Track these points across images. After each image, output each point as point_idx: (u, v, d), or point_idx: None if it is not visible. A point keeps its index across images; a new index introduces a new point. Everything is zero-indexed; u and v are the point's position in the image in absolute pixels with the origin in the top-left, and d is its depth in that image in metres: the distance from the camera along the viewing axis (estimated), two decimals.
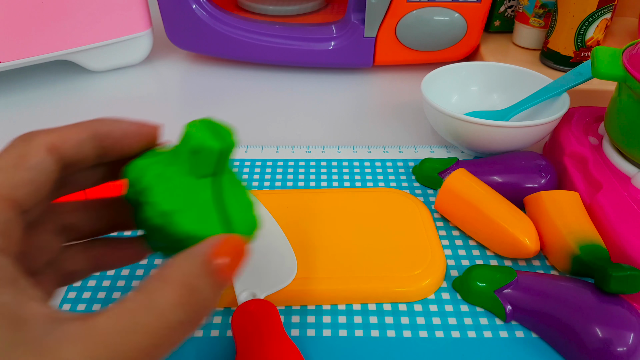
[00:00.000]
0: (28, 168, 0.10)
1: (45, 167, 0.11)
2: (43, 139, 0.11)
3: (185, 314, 0.09)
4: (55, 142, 0.11)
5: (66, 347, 0.08)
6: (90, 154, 0.12)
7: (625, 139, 0.21)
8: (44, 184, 0.11)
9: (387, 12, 0.31)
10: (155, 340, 0.09)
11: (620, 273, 0.16)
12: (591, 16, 0.29)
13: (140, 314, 0.09)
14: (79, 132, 0.12)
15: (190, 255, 0.10)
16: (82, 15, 0.31)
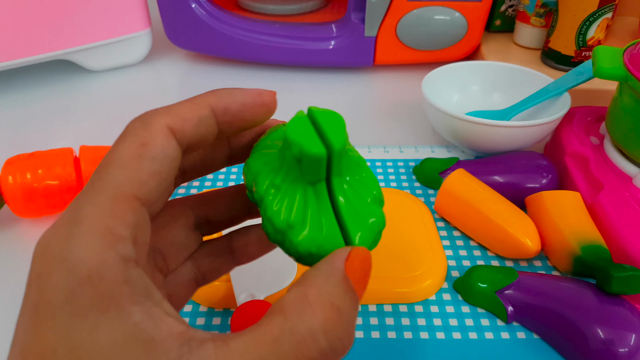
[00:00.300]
0: (152, 158, 0.09)
1: (169, 154, 0.09)
2: (162, 122, 0.09)
3: (329, 343, 0.08)
4: (175, 123, 0.10)
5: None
6: (211, 132, 0.10)
7: (626, 138, 0.20)
8: (168, 174, 0.09)
9: (387, 11, 0.31)
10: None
11: (621, 274, 0.16)
12: (592, 15, 0.28)
13: (284, 341, 0.08)
14: (197, 109, 0.10)
15: (327, 272, 0.09)
16: (81, 15, 0.31)
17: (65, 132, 0.30)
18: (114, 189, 0.09)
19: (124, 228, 0.08)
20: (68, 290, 0.08)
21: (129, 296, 0.08)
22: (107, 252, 0.08)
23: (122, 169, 0.09)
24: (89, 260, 0.08)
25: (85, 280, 0.08)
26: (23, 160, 0.21)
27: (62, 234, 0.08)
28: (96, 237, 0.08)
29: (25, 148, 0.28)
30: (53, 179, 0.21)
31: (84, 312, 0.08)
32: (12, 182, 0.20)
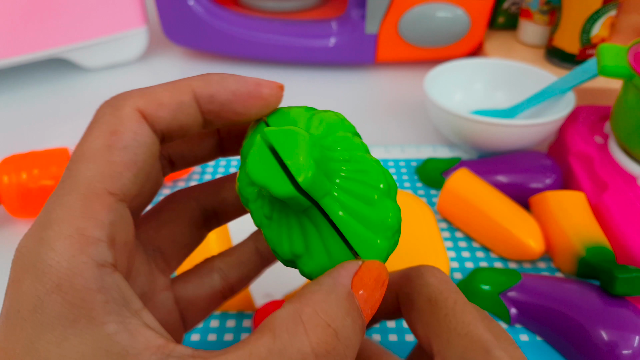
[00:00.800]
0: (123, 147, 0.08)
1: (143, 142, 0.08)
2: (132, 105, 0.08)
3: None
4: (148, 107, 0.08)
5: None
6: (193, 121, 0.09)
7: (631, 138, 0.20)
8: (145, 163, 0.08)
9: (388, 7, 0.30)
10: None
11: (625, 275, 0.16)
12: (596, 13, 0.28)
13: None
14: (177, 93, 0.09)
15: (328, 288, 0.08)
16: (76, 11, 0.30)
17: (60, 131, 0.29)
18: (84, 187, 0.08)
19: (97, 229, 0.07)
20: (36, 299, 0.07)
21: (102, 305, 0.07)
22: (78, 257, 0.07)
23: (92, 162, 0.08)
24: (58, 267, 0.07)
25: (54, 289, 0.07)
26: (18, 160, 0.21)
27: (35, 238, 0.07)
28: (66, 241, 0.07)
29: (21, 148, 0.28)
30: (48, 178, 0.20)
31: (51, 323, 0.07)
32: (7, 182, 0.20)
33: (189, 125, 0.09)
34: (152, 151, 0.09)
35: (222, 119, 0.09)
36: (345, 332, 0.07)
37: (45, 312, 0.07)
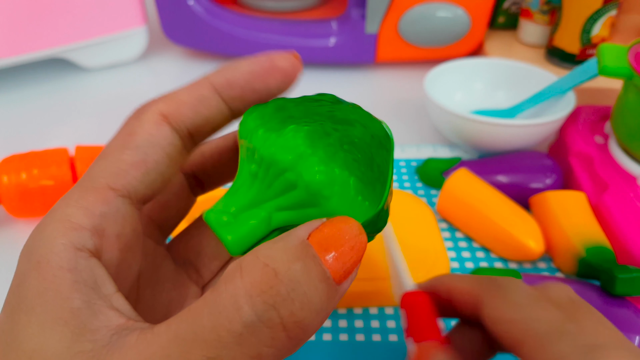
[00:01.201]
0: (135, 147, 0.09)
1: (157, 142, 0.09)
2: (154, 109, 0.09)
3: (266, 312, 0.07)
4: (167, 109, 0.09)
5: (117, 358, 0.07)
6: (217, 112, 0.09)
7: (631, 138, 0.20)
8: (158, 163, 0.09)
9: (389, 7, 0.30)
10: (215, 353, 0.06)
11: (626, 275, 0.16)
12: (597, 13, 0.28)
13: (204, 314, 0.07)
14: (196, 89, 0.09)
15: (279, 239, 0.08)
16: (76, 11, 0.30)
17: (60, 131, 0.29)
18: (90, 181, 0.08)
19: (85, 217, 0.08)
20: (22, 275, 0.08)
21: (70, 283, 0.07)
22: (59, 239, 0.08)
23: (104, 160, 0.09)
24: (41, 246, 0.08)
25: (34, 266, 0.08)
26: (18, 160, 0.21)
27: (36, 227, 0.08)
28: (54, 224, 0.08)
29: (20, 148, 0.27)
30: (48, 178, 0.20)
31: (25, 295, 0.08)
32: (7, 182, 0.20)
33: (214, 116, 0.09)
34: (168, 152, 0.09)
35: (247, 102, 0.09)
36: (291, 275, 0.07)
37: (24, 285, 0.08)
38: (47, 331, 0.07)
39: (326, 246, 0.07)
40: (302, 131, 0.09)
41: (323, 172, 0.08)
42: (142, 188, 0.09)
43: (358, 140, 0.09)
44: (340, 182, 0.08)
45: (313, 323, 0.07)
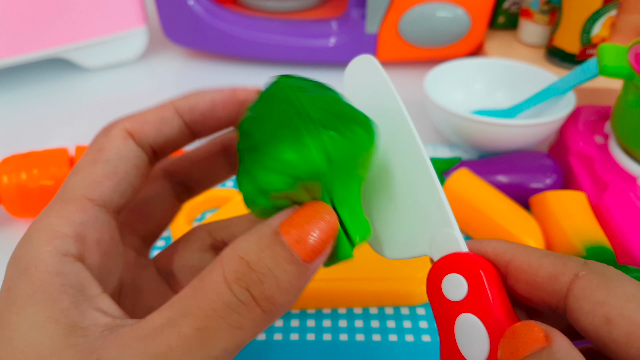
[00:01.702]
0: (105, 161, 0.10)
1: (125, 156, 0.10)
2: (120, 126, 0.10)
3: (242, 293, 0.08)
4: (132, 127, 0.10)
5: (114, 344, 0.08)
6: (178, 132, 0.10)
7: (631, 138, 0.20)
8: (127, 174, 0.10)
9: (389, 7, 0.30)
10: (203, 324, 0.08)
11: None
12: (597, 13, 0.28)
13: (189, 297, 0.08)
14: (160, 111, 0.10)
15: (253, 232, 0.09)
16: (76, 11, 0.30)
17: (60, 131, 0.29)
18: (67, 193, 0.09)
19: (67, 226, 0.09)
20: (10, 281, 0.09)
21: (58, 286, 0.08)
22: (45, 247, 0.09)
23: (78, 174, 0.10)
24: (28, 254, 0.09)
25: (22, 272, 0.08)
26: (18, 160, 0.21)
27: (22, 237, 0.09)
28: (39, 234, 0.09)
29: (20, 148, 0.27)
30: (48, 178, 0.20)
31: (15, 298, 0.08)
32: (6, 182, 0.20)
33: (175, 136, 0.11)
34: (135, 164, 0.10)
35: (209, 127, 0.11)
36: (261, 263, 0.08)
37: (13, 290, 0.08)
38: (39, 329, 0.08)
39: (295, 231, 0.08)
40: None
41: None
42: (116, 197, 0.10)
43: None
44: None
45: (284, 298, 0.08)
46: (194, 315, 0.08)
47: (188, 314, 0.08)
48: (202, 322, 0.08)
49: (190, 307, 0.08)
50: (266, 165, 0.09)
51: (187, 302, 0.08)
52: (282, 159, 0.09)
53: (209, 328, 0.08)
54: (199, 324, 0.08)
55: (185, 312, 0.08)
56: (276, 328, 0.17)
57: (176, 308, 0.08)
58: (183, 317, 0.08)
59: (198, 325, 0.08)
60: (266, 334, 0.17)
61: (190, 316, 0.08)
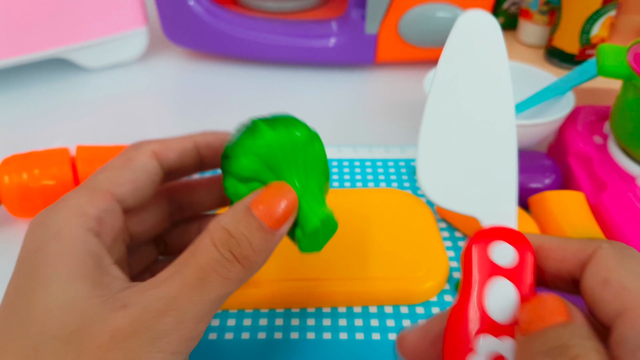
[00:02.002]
0: (132, 169, 0.12)
1: (148, 170, 0.13)
2: (149, 147, 0.13)
3: (226, 253, 0.11)
4: (159, 149, 0.13)
5: (134, 293, 0.10)
6: (191, 161, 0.14)
7: (630, 138, 0.20)
8: (145, 184, 0.13)
9: (388, 8, 0.30)
10: (202, 274, 0.10)
11: None
12: (596, 13, 0.28)
13: (188, 257, 0.11)
14: (183, 141, 0.13)
15: (233, 208, 0.11)
16: (77, 12, 0.30)
17: (61, 131, 0.29)
18: (95, 185, 0.12)
19: (92, 209, 0.11)
20: (40, 241, 0.11)
21: (84, 251, 0.11)
22: (74, 219, 0.11)
23: (107, 173, 0.12)
24: (59, 223, 0.11)
25: (53, 235, 0.11)
26: (19, 160, 0.21)
27: (47, 210, 0.11)
28: (68, 209, 0.11)
29: (21, 148, 0.28)
30: (49, 178, 0.20)
31: (48, 256, 0.10)
32: (8, 182, 0.20)
33: (189, 164, 0.14)
34: (153, 179, 0.13)
35: (217, 160, 0.14)
36: (239, 231, 0.11)
37: (45, 249, 0.11)
38: (71, 281, 0.10)
39: (262, 206, 0.11)
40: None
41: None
42: (131, 199, 0.12)
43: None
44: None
45: (257, 257, 0.11)
46: (194, 268, 0.11)
47: (189, 267, 0.11)
48: (200, 273, 0.11)
49: (190, 263, 0.11)
50: (236, 154, 0.12)
51: (187, 260, 0.11)
52: (243, 144, 0.12)
53: (206, 278, 0.11)
54: (198, 275, 0.11)
55: (187, 266, 0.11)
56: (277, 326, 0.17)
57: (180, 264, 0.11)
58: (186, 269, 0.11)
59: (198, 276, 0.10)
60: (267, 332, 0.17)
61: (191, 268, 0.11)
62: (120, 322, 0.10)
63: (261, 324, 0.17)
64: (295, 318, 0.17)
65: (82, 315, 0.10)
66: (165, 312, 0.10)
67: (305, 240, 0.12)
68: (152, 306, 0.10)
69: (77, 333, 0.10)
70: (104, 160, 0.21)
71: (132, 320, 0.10)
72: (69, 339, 0.10)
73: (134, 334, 0.10)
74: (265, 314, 0.17)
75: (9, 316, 0.10)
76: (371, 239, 0.19)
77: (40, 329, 0.10)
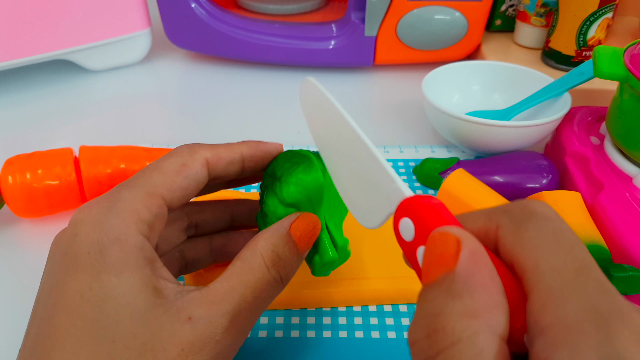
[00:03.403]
0: (186, 176, 0.13)
1: (198, 178, 0.13)
2: (203, 154, 0.13)
3: (276, 275, 0.12)
4: (211, 158, 0.13)
5: (195, 305, 0.11)
6: (236, 170, 0.14)
7: (626, 138, 0.20)
8: (192, 191, 0.13)
9: (387, 10, 0.31)
10: (257, 294, 0.12)
11: (621, 274, 0.16)
12: (592, 15, 0.28)
13: (244, 275, 0.12)
14: (232, 152, 0.14)
15: (276, 230, 0.13)
16: (81, 14, 0.31)
17: (64, 132, 0.29)
18: (151, 187, 0.12)
19: (147, 214, 0.12)
20: (101, 245, 0.11)
21: (142, 258, 0.11)
22: (132, 225, 0.11)
23: (162, 176, 0.12)
24: (119, 227, 0.11)
25: (114, 240, 0.11)
26: (23, 160, 0.21)
27: (103, 207, 0.12)
28: (127, 214, 0.11)
29: (25, 148, 0.28)
30: (53, 179, 0.21)
31: (112, 262, 0.11)
32: (11, 182, 0.20)
33: (233, 173, 0.14)
34: (199, 188, 0.13)
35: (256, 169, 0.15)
36: (284, 254, 0.13)
37: (108, 255, 0.11)
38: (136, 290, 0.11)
39: (299, 232, 0.13)
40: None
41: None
42: (176, 204, 0.13)
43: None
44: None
45: (291, 275, 0.13)
46: (251, 287, 0.12)
47: (247, 286, 0.12)
48: (256, 293, 0.12)
49: (248, 281, 0.12)
50: (288, 182, 0.14)
51: (243, 277, 0.12)
52: (297, 176, 0.14)
53: (259, 296, 0.12)
54: (255, 294, 0.12)
55: (244, 284, 0.12)
56: (277, 325, 0.17)
57: (234, 280, 0.12)
58: (244, 288, 0.12)
59: (254, 295, 0.12)
60: (267, 331, 0.17)
61: (249, 287, 0.12)
62: (188, 336, 0.10)
63: (262, 322, 0.17)
64: (295, 317, 0.17)
65: (150, 326, 0.10)
66: (229, 329, 0.11)
67: (320, 267, 0.14)
68: (217, 322, 0.11)
69: (148, 345, 0.10)
70: (108, 160, 0.21)
71: (200, 335, 0.11)
72: (141, 350, 0.10)
73: (202, 348, 0.10)
74: (266, 312, 0.18)
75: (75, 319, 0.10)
76: (372, 239, 0.20)
77: (112, 337, 0.10)
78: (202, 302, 0.11)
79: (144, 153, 0.22)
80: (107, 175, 0.21)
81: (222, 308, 0.11)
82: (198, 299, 0.11)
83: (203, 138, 0.29)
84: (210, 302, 0.11)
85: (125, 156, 0.22)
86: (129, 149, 0.22)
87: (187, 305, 0.11)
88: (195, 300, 0.11)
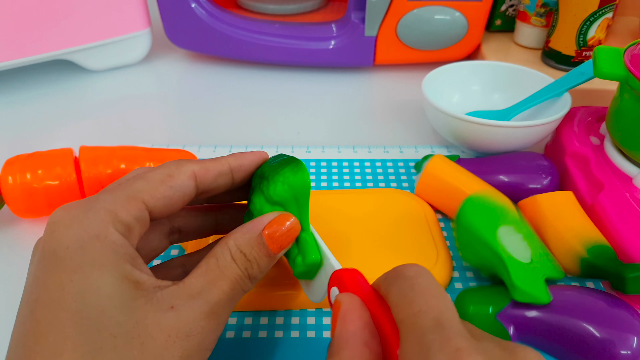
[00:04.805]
0: (171, 186, 0.13)
1: (184, 190, 0.13)
2: (191, 167, 0.14)
3: (244, 272, 0.13)
4: (198, 171, 0.14)
5: (175, 297, 0.11)
6: (225, 182, 0.14)
7: (626, 139, 0.20)
8: (177, 202, 0.13)
9: (387, 11, 0.31)
10: (232, 286, 0.12)
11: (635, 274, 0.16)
12: (592, 15, 0.28)
13: (214, 271, 0.12)
14: (219, 165, 0.14)
15: (248, 230, 0.13)
16: (81, 14, 0.31)
17: (64, 132, 0.30)
18: (132, 192, 0.12)
19: (126, 215, 0.12)
20: (82, 240, 0.11)
21: (122, 254, 0.11)
22: (111, 224, 0.12)
23: (146, 183, 0.13)
24: (98, 225, 0.11)
25: (94, 237, 0.11)
26: (23, 160, 0.21)
27: (84, 207, 0.12)
28: (105, 213, 0.12)
29: (25, 148, 0.28)
30: (53, 179, 0.21)
31: (93, 257, 0.11)
32: (12, 182, 0.20)
33: (223, 185, 0.15)
34: (185, 200, 0.14)
35: (246, 180, 0.15)
36: (253, 255, 0.13)
37: (88, 250, 0.11)
38: (118, 283, 0.11)
39: (271, 234, 0.13)
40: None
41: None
42: (158, 212, 0.13)
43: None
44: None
45: (261, 274, 0.14)
46: (227, 280, 0.12)
47: (223, 279, 0.12)
48: (232, 285, 0.13)
49: (223, 275, 0.12)
50: (275, 180, 0.14)
51: (218, 272, 0.12)
52: (285, 174, 0.14)
53: (234, 289, 0.13)
54: (231, 285, 0.12)
55: (220, 278, 0.12)
56: (277, 325, 0.17)
57: (211, 275, 0.12)
58: (220, 281, 0.12)
59: (230, 286, 0.12)
60: (267, 331, 0.17)
61: (224, 280, 0.12)
62: (173, 323, 0.11)
63: (262, 322, 0.17)
64: (295, 317, 0.17)
65: (134, 315, 0.11)
66: (210, 316, 0.12)
67: (302, 268, 0.14)
68: (199, 309, 0.11)
69: (134, 332, 0.10)
70: (107, 160, 0.21)
71: (186, 321, 0.11)
72: (127, 337, 0.10)
73: (189, 334, 0.11)
74: (266, 313, 0.17)
75: (57, 312, 0.10)
76: (372, 239, 0.20)
77: (97, 326, 0.10)
78: (181, 294, 0.12)
79: (144, 153, 0.22)
80: (107, 176, 0.21)
81: (202, 299, 0.12)
82: (177, 292, 0.12)
83: (203, 138, 0.29)
84: (190, 295, 0.12)
85: (125, 156, 0.22)
86: (129, 149, 0.22)
87: (167, 297, 0.11)
88: (174, 292, 0.12)
